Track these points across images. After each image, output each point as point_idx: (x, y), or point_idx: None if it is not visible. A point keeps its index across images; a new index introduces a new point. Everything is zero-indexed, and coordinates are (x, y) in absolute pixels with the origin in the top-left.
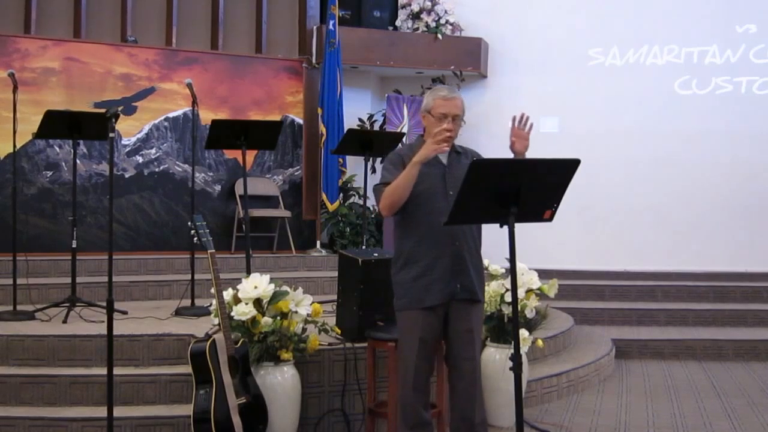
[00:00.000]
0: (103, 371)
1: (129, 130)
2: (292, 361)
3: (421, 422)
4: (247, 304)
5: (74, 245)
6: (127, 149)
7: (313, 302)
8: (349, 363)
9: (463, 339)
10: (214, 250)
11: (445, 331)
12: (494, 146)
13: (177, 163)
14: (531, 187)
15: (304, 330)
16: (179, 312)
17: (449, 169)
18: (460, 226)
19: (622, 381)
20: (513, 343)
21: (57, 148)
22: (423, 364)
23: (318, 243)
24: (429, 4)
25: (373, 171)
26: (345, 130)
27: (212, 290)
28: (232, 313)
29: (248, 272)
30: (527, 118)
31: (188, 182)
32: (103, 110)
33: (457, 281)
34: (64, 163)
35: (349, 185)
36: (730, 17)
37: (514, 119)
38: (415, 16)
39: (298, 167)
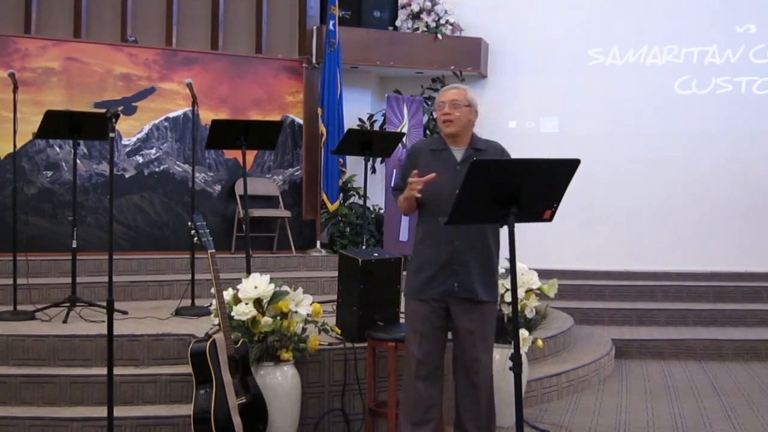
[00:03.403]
0: (103, 371)
1: (129, 130)
2: (292, 361)
3: (424, 420)
4: (247, 304)
5: (74, 245)
6: (127, 149)
7: (313, 302)
8: (349, 363)
9: (464, 340)
10: (214, 250)
11: (452, 330)
12: None
13: (177, 163)
14: (531, 187)
15: (304, 330)
16: (179, 312)
17: (462, 166)
18: (468, 225)
19: (622, 381)
20: (513, 343)
21: (57, 148)
22: (425, 358)
23: (318, 243)
24: (429, 4)
25: (373, 171)
26: (345, 130)
27: (212, 290)
28: (232, 313)
29: (248, 272)
30: None
31: (188, 182)
32: (103, 110)
33: (454, 279)
34: (64, 163)
35: (349, 185)
36: (730, 17)
37: None
38: (415, 16)
39: (298, 167)
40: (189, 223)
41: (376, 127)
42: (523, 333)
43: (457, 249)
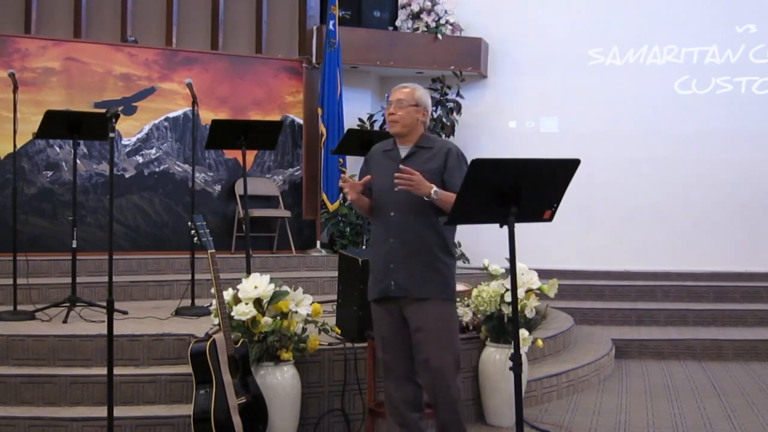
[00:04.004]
0: (103, 371)
1: (129, 130)
2: (292, 361)
3: (405, 421)
4: (247, 304)
5: (74, 245)
6: (127, 149)
7: (313, 302)
8: (349, 363)
9: (415, 339)
10: (214, 250)
11: None
12: (494, 146)
13: (177, 163)
14: (531, 187)
15: (304, 330)
16: (179, 312)
17: (405, 163)
18: (403, 221)
19: (622, 381)
20: (513, 343)
21: (57, 148)
22: (389, 360)
23: (318, 243)
24: (429, 4)
25: None
26: (345, 130)
27: (212, 290)
28: (232, 313)
29: (248, 272)
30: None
31: (188, 182)
32: (103, 110)
33: (390, 278)
34: (64, 163)
35: None
36: (730, 17)
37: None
38: (415, 16)
39: (298, 167)
40: (189, 223)
41: (376, 127)
42: (523, 333)
43: (392, 247)
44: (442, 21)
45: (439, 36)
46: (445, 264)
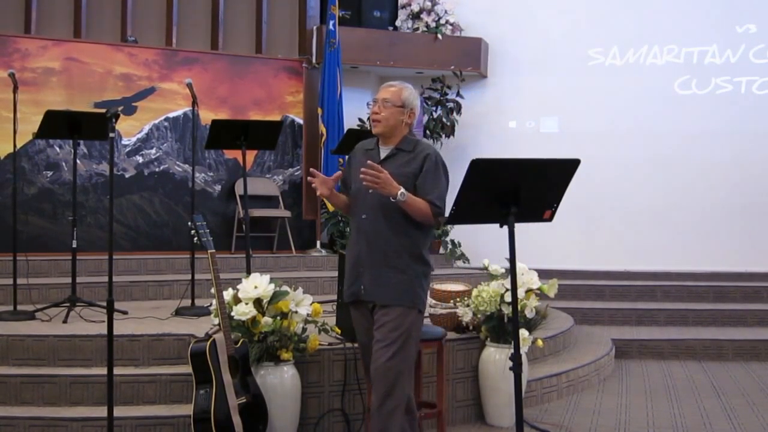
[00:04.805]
0: (103, 371)
1: (129, 130)
2: (292, 361)
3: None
4: (247, 304)
5: (74, 245)
6: (127, 149)
7: (313, 302)
8: (349, 363)
9: (373, 347)
10: (214, 250)
11: None
12: (494, 146)
13: (177, 163)
14: (531, 187)
15: (304, 330)
16: (179, 312)
17: (382, 165)
18: (374, 224)
19: (622, 381)
20: (513, 343)
21: (57, 148)
22: (368, 364)
23: (318, 243)
24: (429, 4)
25: None
26: (345, 130)
27: (212, 290)
28: (232, 313)
29: (248, 272)
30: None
31: (188, 182)
32: (103, 110)
33: (360, 282)
34: (64, 163)
35: None
36: (730, 17)
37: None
38: (415, 16)
39: (298, 167)
40: (189, 223)
41: None
42: (523, 333)
43: (363, 250)
44: (442, 21)
45: (439, 36)
46: (414, 271)
